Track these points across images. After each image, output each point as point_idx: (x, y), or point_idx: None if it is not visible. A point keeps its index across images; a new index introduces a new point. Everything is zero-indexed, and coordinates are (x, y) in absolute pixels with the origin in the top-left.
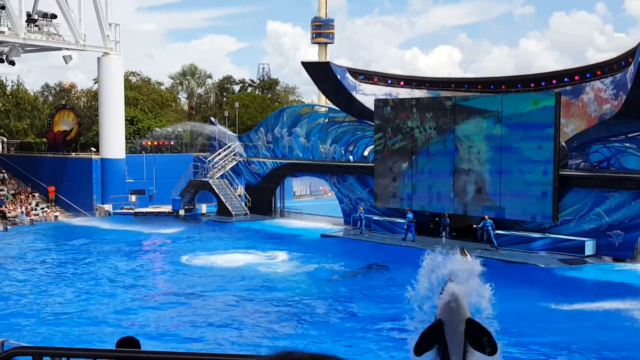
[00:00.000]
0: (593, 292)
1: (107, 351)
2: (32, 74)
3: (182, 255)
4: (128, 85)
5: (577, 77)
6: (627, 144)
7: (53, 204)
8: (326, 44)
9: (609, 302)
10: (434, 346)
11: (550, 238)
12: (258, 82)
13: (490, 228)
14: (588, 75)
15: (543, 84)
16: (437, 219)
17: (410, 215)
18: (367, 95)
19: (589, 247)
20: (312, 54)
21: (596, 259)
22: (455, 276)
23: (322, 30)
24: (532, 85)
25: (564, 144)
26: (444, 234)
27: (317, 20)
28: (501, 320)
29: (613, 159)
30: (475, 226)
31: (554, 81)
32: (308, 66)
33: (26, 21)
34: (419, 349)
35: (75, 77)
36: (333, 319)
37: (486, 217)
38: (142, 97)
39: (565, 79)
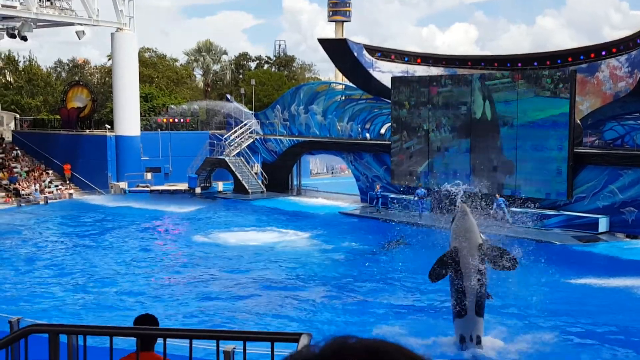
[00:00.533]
0: (606, 268)
1: (123, 329)
2: (44, 50)
3: (198, 233)
4: (143, 62)
5: (592, 55)
6: None
7: (69, 182)
8: (343, 22)
9: (621, 278)
10: (448, 272)
11: (565, 215)
12: (274, 59)
13: (503, 206)
14: (603, 52)
15: (559, 61)
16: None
17: (420, 191)
18: (384, 72)
19: (603, 224)
20: (329, 31)
21: (610, 236)
22: (466, 199)
23: (338, 8)
24: (548, 62)
25: (578, 121)
26: None
27: None
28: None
29: (627, 137)
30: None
31: (570, 59)
32: (325, 43)
33: None
34: (434, 275)
35: (88, 53)
36: (347, 299)
37: (497, 195)
38: (157, 74)
39: (581, 57)
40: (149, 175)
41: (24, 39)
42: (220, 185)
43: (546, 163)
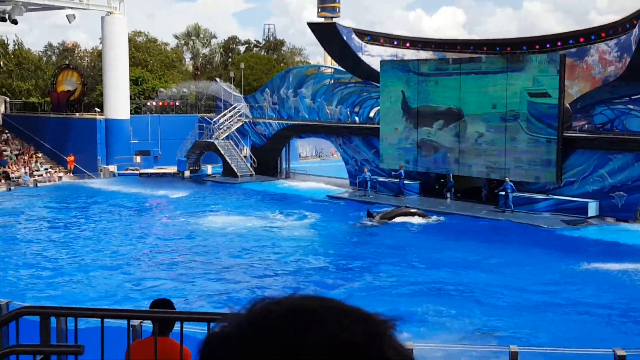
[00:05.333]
0: (596, 252)
1: (113, 310)
2: (34, 33)
3: (185, 216)
4: (134, 46)
5: (581, 39)
6: (631, 106)
7: (72, 174)
8: (332, 17)
9: (610, 262)
10: None
11: (554, 199)
12: (264, 43)
13: (510, 190)
14: (592, 37)
15: (548, 45)
16: (441, 180)
17: (401, 171)
18: (373, 56)
19: (592, 208)
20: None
21: (599, 220)
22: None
23: (326, 4)
24: (537, 47)
25: (568, 105)
26: (448, 195)
27: None
28: (503, 276)
29: (617, 121)
30: (497, 191)
31: (559, 43)
32: (314, 27)
33: None
34: None
35: (76, 36)
36: (334, 279)
37: (507, 179)
38: (150, 58)
39: (570, 41)
40: (138, 159)
41: (15, 22)
42: (209, 169)
43: (535, 147)
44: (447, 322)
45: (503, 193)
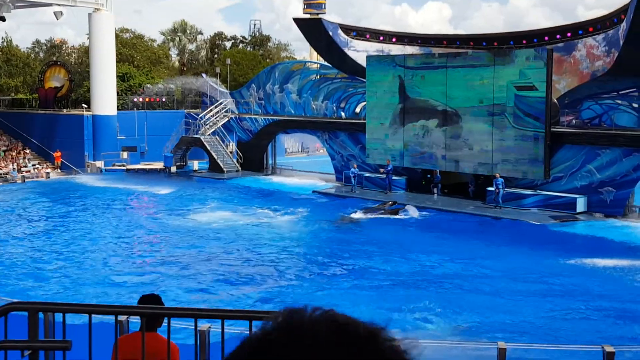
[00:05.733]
0: (585, 248)
1: (101, 306)
2: (21, 30)
3: (171, 212)
4: (121, 42)
5: (569, 34)
6: (619, 101)
7: (59, 170)
8: (317, 14)
9: (599, 257)
10: None
11: (542, 195)
12: (249, 38)
13: (501, 187)
14: (580, 32)
15: (535, 40)
16: (428, 175)
17: (390, 167)
18: (359, 51)
19: (581, 204)
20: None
21: (587, 216)
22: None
23: (312, 1)
24: (524, 42)
25: (555, 100)
26: (435, 190)
27: None
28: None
29: (605, 116)
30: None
31: (546, 38)
32: (300, 22)
33: None
34: None
35: (63, 33)
36: (318, 273)
37: (497, 175)
38: (138, 54)
39: (557, 36)
40: (125, 154)
41: (2, 19)
42: (195, 164)
43: (523, 142)
44: (433, 318)
45: (493, 189)
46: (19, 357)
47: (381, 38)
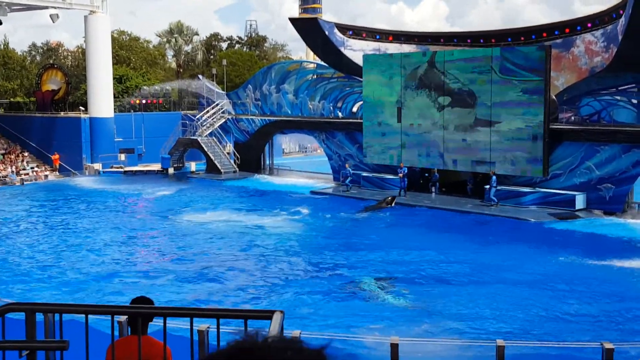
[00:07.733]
0: (585, 245)
1: (98, 306)
2: (18, 34)
3: (169, 213)
4: (118, 44)
5: (567, 30)
6: (618, 97)
7: (57, 172)
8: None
9: (598, 254)
10: None
11: (541, 192)
12: (245, 39)
13: (493, 184)
14: (578, 28)
15: (533, 37)
16: (426, 174)
17: (403, 169)
18: (356, 50)
19: (580, 201)
20: (299, 10)
21: (587, 213)
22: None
23: (308, 5)
24: (522, 38)
25: (554, 97)
26: (433, 189)
27: None
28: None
29: (604, 112)
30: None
31: (544, 34)
32: (296, 22)
33: None
34: None
35: (59, 36)
36: (313, 274)
37: (492, 172)
38: (133, 55)
39: (556, 32)
40: (122, 156)
41: None
42: (193, 166)
43: (521, 139)
44: (431, 314)
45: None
46: (17, 358)
47: (377, 37)
